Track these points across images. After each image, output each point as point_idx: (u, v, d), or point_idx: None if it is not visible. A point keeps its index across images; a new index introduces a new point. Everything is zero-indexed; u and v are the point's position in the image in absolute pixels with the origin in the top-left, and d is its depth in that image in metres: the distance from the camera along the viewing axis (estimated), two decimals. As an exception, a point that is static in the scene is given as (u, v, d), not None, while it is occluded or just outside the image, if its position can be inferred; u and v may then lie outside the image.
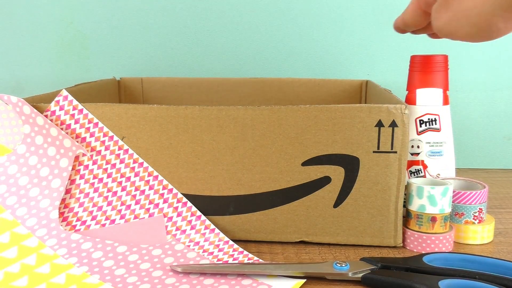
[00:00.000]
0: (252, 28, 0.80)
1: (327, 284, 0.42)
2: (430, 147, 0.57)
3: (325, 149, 0.47)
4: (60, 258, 0.44)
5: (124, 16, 0.80)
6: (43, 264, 0.43)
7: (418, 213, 0.48)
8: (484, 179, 0.74)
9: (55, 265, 0.43)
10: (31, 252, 0.44)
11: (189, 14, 0.80)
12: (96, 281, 0.41)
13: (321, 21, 0.79)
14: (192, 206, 0.49)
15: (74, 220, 0.48)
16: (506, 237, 0.52)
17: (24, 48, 0.81)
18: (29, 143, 0.48)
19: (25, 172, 0.47)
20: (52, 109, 0.50)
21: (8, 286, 0.40)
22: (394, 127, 0.46)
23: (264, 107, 0.47)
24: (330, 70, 0.81)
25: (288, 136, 0.47)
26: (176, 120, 0.48)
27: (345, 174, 0.48)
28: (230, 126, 0.48)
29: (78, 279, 0.41)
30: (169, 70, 0.82)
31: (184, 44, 0.81)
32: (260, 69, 0.81)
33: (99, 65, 0.82)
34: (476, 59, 0.78)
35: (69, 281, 0.41)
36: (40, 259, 0.43)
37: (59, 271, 0.42)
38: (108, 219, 0.49)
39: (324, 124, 0.47)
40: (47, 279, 0.41)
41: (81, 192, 0.49)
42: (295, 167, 0.48)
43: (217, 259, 0.46)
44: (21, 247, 0.44)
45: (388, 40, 0.79)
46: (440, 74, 0.56)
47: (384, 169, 0.47)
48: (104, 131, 0.50)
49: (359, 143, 0.47)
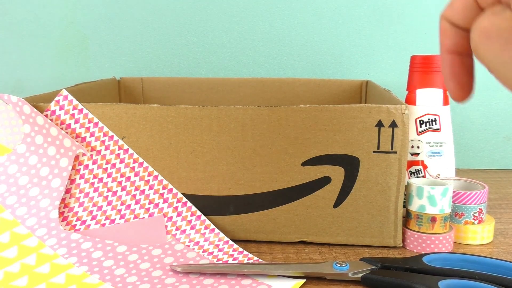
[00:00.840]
0: (252, 28, 0.80)
1: (327, 284, 0.42)
2: (430, 147, 0.57)
3: (325, 149, 0.47)
4: (60, 258, 0.44)
5: (124, 16, 0.80)
6: (43, 264, 0.43)
7: (418, 213, 0.48)
8: (484, 179, 0.74)
9: (55, 265, 0.43)
10: (31, 252, 0.44)
11: (189, 14, 0.80)
12: (96, 281, 0.41)
13: (321, 21, 0.79)
14: (192, 206, 0.49)
15: (74, 220, 0.48)
16: (506, 238, 0.52)
17: (24, 48, 0.81)
18: (29, 143, 0.48)
19: (25, 172, 0.47)
20: (52, 108, 0.50)
21: (8, 286, 0.40)
22: (394, 127, 0.46)
23: (264, 107, 0.47)
24: (330, 70, 0.81)
25: (288, 136, 0.47)
26: (176, 120, 0.48)
27: (345, 174, 0.48)
28: (230, 126, 0.48)
29: (78, 279, 0.41)
30: (169, 70, 0.82)
31: (184, 44, 0.81)
32: (260, 69, 0.81)
33: (99, 65, 0.82)
34: (476, 59, 0.78)
35: (68, 281, 0.41)
36: (40, 259, 0.43)
37: (59, 271, 0.42)
38: (108, 219, 0.49)
39: (324, 124, 0.47)
40: (47, 279, 0.41)
41: (81, 192, 0.49)
42: (295, 167, 0.48)
43: (217, 259, 0.46)
44: (21, 247, 0.44)
45: (388, 40, 0.79)
46: (440, 74, 0.56)
47: (384, 169, 0.47)
48: (104, 131, 0.50)
49: (359, 143, 0.47)
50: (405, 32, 0.78)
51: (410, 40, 0.78)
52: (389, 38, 0.79)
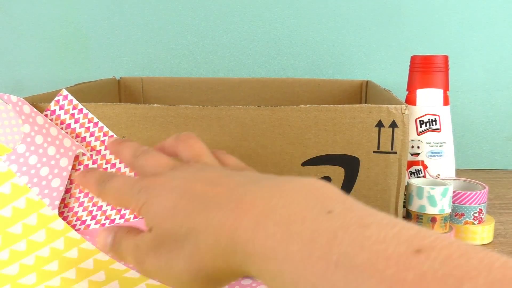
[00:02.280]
0: (252, 28, 0.80)
1: (327, 284, 0.42)
2: (430, 147, 0.57)
3: (325, 149, 0.47)
4: (87, 242, 0.44)
5: (124, 16, 0.80)
6: (71, 248, 0.43)
7: (418, 214, 0.48)
8: (484, 179, 0.73)
9: (82, 249, 0.43)
10: (59, 236, 0.44)
11: (189, 14, 0.80)
12: (122, 267, 0.41)
13: (321, 21, 0.79)
14: (192, 206, 0.49)
15: (74, 220, 0.48)
16: (506, 238, 0.52)
17: (24, 48, 0.81)
18: (29, 143, 0.48)
19: (25, 172, 0.47)
20: (52, 108, 0.50)
21: (40, 270, 0.40)
22: (394, 128, 0.46)
23: (264, 107, 0.47)
24: (331, 70, 0.81)
25: (288, 136, 0.47)
26: (176, 120, 0.48)
27: (345, 175, 0.48)
28: (230, 126, 0.48)
29: (105, 265, 0.42)
30: (169, 70, 0.82)
31: (184, 44, 0.81)
32: (260, 69, 0.81)
33: (99, 65, 0.82)
34: (476, 59, 0.78)
35: (97, 267, 0.41)
36: (67, 243, 0.43)
37: (88, 255, 0.42)
38: (108, 219, 0.49)
39: (324, 124, 0.47)
40: (76, 264, 0.42)
41: (80, 192, 0.49)
42: (295, 167, 0.48)
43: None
44: (48, 230, 0.44)
45: (388, 40, 0.79)
46: (440, 74, 0.57)
47: (384, 170, 0.47)
48: (104, 131, 0.50)
49: (359, 143, 0.47)
50: (405, 32, 0.78)
51: (410, 40, 0.78)
52: (389, 38, 0.79)
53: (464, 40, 0.78)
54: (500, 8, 0.76)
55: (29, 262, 0.41)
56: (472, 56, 0.78)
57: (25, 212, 0.45)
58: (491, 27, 0.77)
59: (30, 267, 0.41)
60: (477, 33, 0.77)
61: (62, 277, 0.40)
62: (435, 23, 0.77)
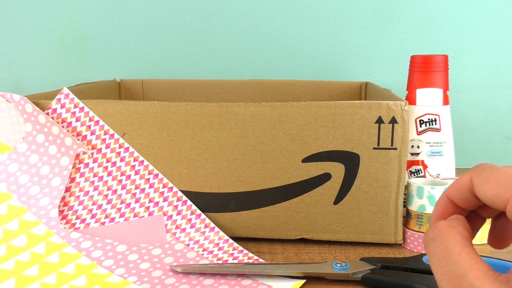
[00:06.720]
0: (252, 29, 0.80)
1: (327, 284, 0.42)
2: (430, 147, 0.57)
3: (325, 146, 0.47)
4: (69, 247, 0.43)
5: (124, 16, 0.80)
6: (52, 253, 0.43)
7: (418, 213, 0.48)
8: (484, 180, 0.73)
9: (64, 254, 0.43)
10: (40, 241, 0.43)
11: (189, 14, 0.80)
12: (104, 271, 0.41)
13: (321, 22, 0.79)
14: (192, 205, 0.49)
15: (74, 219, 0.48)
16: (507, 236, 0.52)
17: (24, 48, 0.82)
18: (30, 142, 0.48)
19: (26, 171, 0.47)
20: (53, 107, 0.50)
21: (20, 275, 0.40)
22: (394, 124, 0.46)
23: (264, 104, 0.47)
24: (330, 70, 0.81)
25: (289, 133, 0.47)
26: (177, 117, 0.48)
27: (345, 171, 0.48)
28: (230, 123, 0.48)
29: (87, 269, 0.41)
30: (169, 71, 0.82)
31: (184, 45, 0.81)
32: (260, 70, 0.81)
33: (99, 66, 0.82)
34: (476, 59, 0.78)
35: (78, 271, 0.41)
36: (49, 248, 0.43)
37: (69, 260, 0.42)
38: (108, 217, 0.49)
39: (324, 121, 0.47)
40: (57, 268, 0.41)
41: (81, 191, 0.49)
42: (295, 163, 0.48)
43: (217, 258, 0.46)
44: (30, 235, 0.44)
45: (388, 40, 0.79)
46: (440, 74, 0.57)
47: (384, 166, 0.47)
48: (105, 129, 0.50)
49: (359, 139, 0.47)
50: (405, 32, 0.78)
51: (410, 40, 0.78)
52: (389, 38, 0.79)
53: (464, 40, 0.78)
54: (500, 8, 0.76)
55: (9, 267, 0.41)
56: (472, 56, 0.78)
57: (6, 218, 0.44)
58: (491, 27, 0.77)
59: (9, 272, 0.41)
60: (477, 33, 0.77)
61: (42, 282, 0.40)
62: (435, 23, 0.78)
